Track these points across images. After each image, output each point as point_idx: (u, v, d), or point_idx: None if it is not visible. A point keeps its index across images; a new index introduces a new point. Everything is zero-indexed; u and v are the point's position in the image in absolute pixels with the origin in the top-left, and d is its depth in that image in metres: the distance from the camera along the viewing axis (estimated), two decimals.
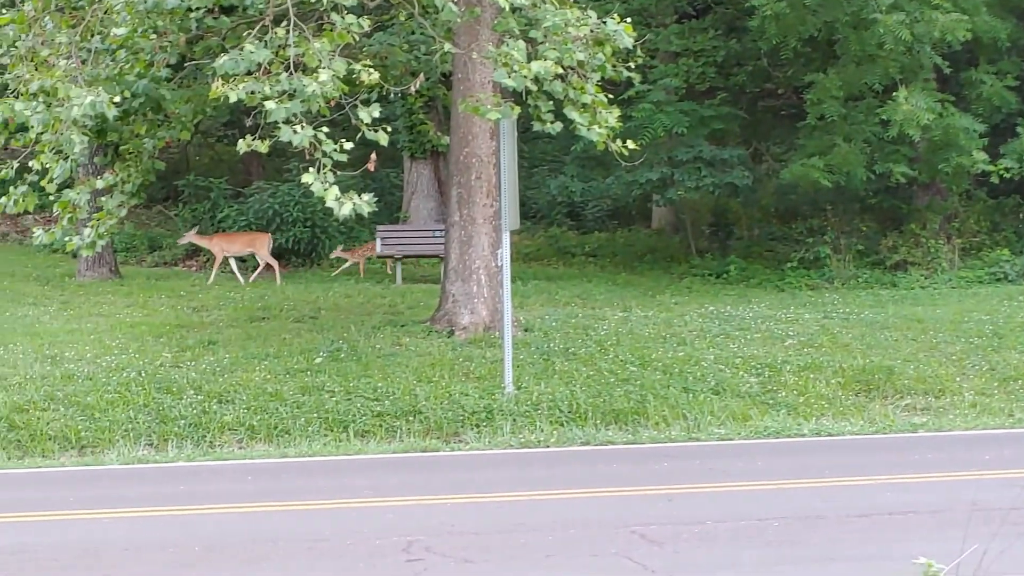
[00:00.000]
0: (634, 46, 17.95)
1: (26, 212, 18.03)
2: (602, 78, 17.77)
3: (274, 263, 27.20)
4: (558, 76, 16.77)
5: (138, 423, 17.29)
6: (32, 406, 17.57)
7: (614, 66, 18.02)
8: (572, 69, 17.21)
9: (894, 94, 25.08)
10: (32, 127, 16.22)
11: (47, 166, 16.76)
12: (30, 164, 16.87)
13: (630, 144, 17.49)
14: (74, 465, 16.29)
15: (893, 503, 13.11)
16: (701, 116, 27.86)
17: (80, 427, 17.16)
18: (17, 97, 16.11)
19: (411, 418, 17.57)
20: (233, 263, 27.58)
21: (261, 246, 27.42)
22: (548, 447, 16.76)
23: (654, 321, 21.90)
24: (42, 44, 16.33)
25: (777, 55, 27.73)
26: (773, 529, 12.05)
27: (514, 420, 17.52)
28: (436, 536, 11.83)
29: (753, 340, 20.76)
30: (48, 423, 17.22)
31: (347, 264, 28.71)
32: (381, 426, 17.43)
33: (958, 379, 19.35)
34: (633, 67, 18.34)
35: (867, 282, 26.80)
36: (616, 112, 17.56)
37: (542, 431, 17.26)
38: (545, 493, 13.82)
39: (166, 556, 11.37)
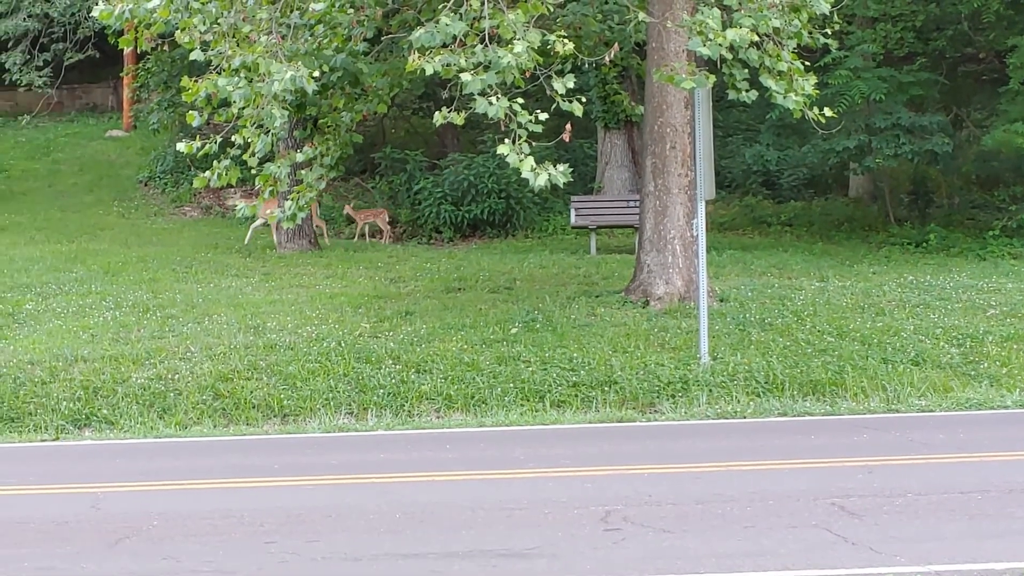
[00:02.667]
0: (831, 11, 17.73)
1: (228, 185, 18.41)
2: (798, 45, 17.58)
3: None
4: (753, 44, 16.63)
5: (338, 392, 17.60)
6: (236, 375, 18.00)
7: (810, 32, 17.82)
8: (768, 36, 17.05)
9: None
10: (234, 102, 16.57)
11: (249, 140, 17.10)
12: (232, 138, 17.23)
13: (827, 111, 17.30)
14: (277, 433, 16.67)
15: None
16: (900, 82, 27.31)
17: (282, 396, 17.54)
18: (220, 73, 16.45)
19: (607, 388, 17.60)
20: (258, 224, 27.90)
21: None
22: (744, 418, 16.66)
23: (852, 291, 21.61)
24: (243, 20, 16.63)
25: (978, 18, 27.09)
26: (976, 502, 11.81)
27: (710, 391, 17.46)
28: (634, 506, 11.84)
29: (954, 310, 20.36)
30: (252, 392, 17.63)
31: (357, 225, 29.37)
32: (577, 396, 17.50)
33: None
34: (830, 33, 18.13)
35: None
36: (812, 79, 17.37)
37: (738, 402, 17.17)
38: (742, 464, 13.74)
39: (367, 522, 11.55)
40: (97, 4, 16.95)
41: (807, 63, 17.73)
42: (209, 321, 20.30)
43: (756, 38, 16.50)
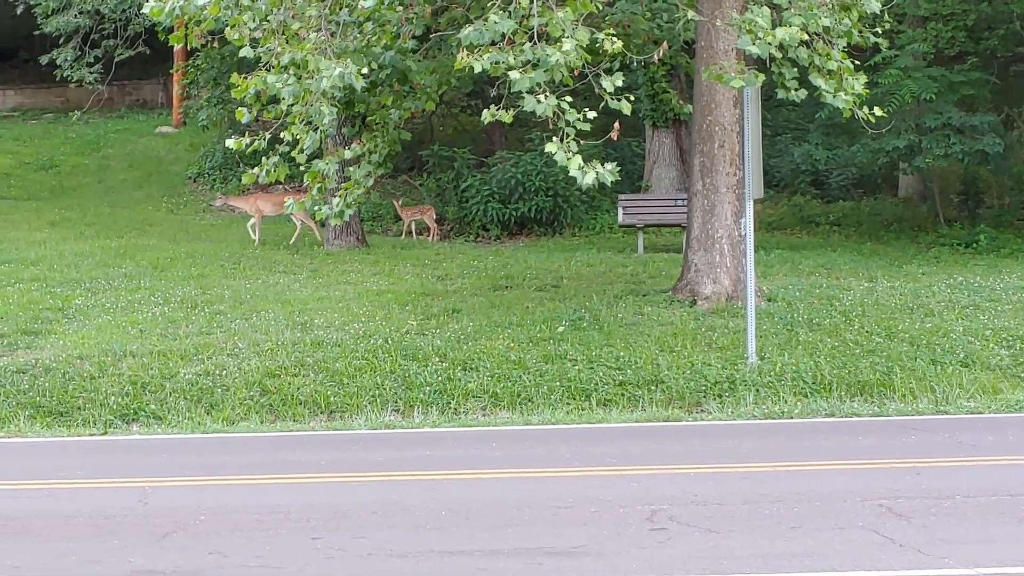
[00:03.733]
0: (881, 11, 17.64)
1: (277, 182, 18.47)
2: (848, 44, 17.50)
3: (313, 224, 27.69)
4: (803, 42, 16.57)
5: (385, 389, 17.63)
6: (283, 371, 18.06)
7: (860, 31, 17.73)
8: (817, 35, 16.98)
9: None
10: (283, 99, 16.63)
11: (297, 137, 17.15)
12: (281, 135, 17.30)
13: (876, 111, 17.20)
14: (323, 429, 16.72)
15: None
16: (950, 82, 27.13)
17: (329, 392, 17.58)
18: (269, 70, 16.51)
19: (653, 387, 17.57)
20: (256, 222, 27.96)
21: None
22: (791, 418, 16.60)
23: (900, 291, 21.49)
24: (293, 18, 16.68)
25: None
26: None
27: (757, 391, 17.41)
28: (679, 505, 11.82)
29: (1004, 312, 20.21)
30: (299, 388, 17.69)
31: (404, 223, 29.57)
32: (623, 395, 17.47)
33: None
34: (880, 32, 18.02)
35: None
36: (862, 78, 17.28)
37: (785, 402, 17.11)
38: (789, 464, 13.68)
39: (413, 519, 11.56)
40: (148, 1, 17.04)
41: (857, 62, 17.63)
42: (257, 317, 20.38)
43: (806, 37, 16.45)
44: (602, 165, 15.08)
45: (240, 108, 16.99)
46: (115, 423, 17.07)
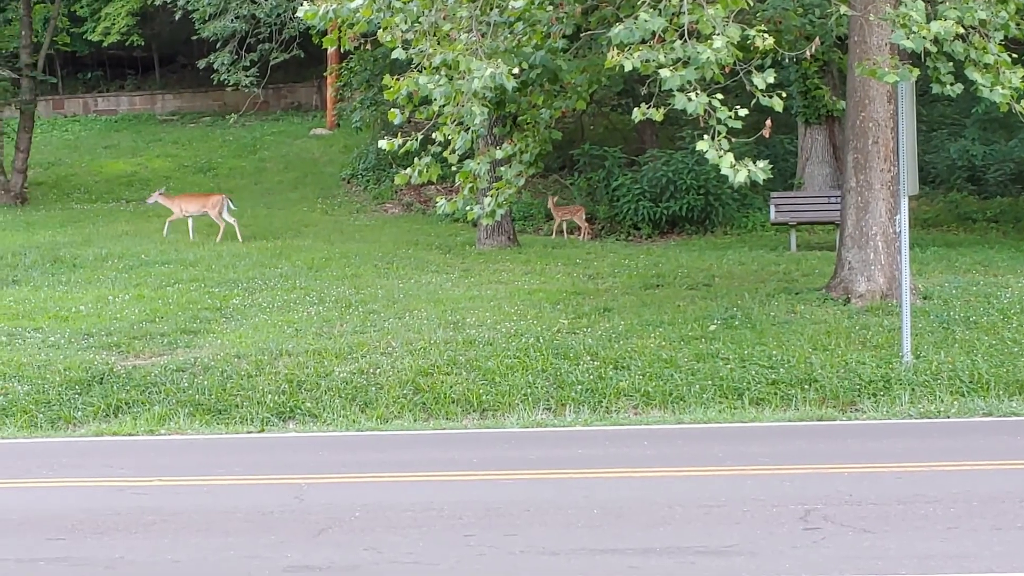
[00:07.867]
0: None
1: (429, 182, 18.62)
2: (1005, 37, 17.19)
3: (222, 224, 28.38)
4: (959, 36, 16.31)
5: (536, 388, 17.69)
6: (436, 370, 18.20)
7: (1018, 24, 17.41)
8: (973, 28, 16.71)
9: None
10: (435, 100, 16.76)
11: (449, 137, 17.29)
12: (433, 136, 17.44)
13: None
14: (476, 427, 16.81)
15: None
16: None
17: (481, 391, 17.68)
18: (421, 71, 16.65)
19: (806, 386, 17.42)
20: (191, 223, 28.85)
21: (213, 206, 28.67)
22: (948, 418, 16.35)
23: None
24: (444, 19, 16.81)
25: None
26: None
27: (912, 390, 17.18)
28: (834, 505, 11.70)
29: None
30: (451, 386, 17.81)
31: (555, 222, 29.72)
32: (776, 394, 17.34)
33: None
34: None
35: None
36: (1020, 72, 16.95)
37: (942, 401, 16.86)
38: (946, 464, 13.47)
39: (565, 517, 11.59)
40: (302, 5, 17.29)
41: (1015, 55, 17.31)
42: (410, 316, 20.56)
43: (961, 30, 16.19)
44: (754, 163, 14.99)
45: (392, 109, 17.17)
46: (272, 421, 17.34)
